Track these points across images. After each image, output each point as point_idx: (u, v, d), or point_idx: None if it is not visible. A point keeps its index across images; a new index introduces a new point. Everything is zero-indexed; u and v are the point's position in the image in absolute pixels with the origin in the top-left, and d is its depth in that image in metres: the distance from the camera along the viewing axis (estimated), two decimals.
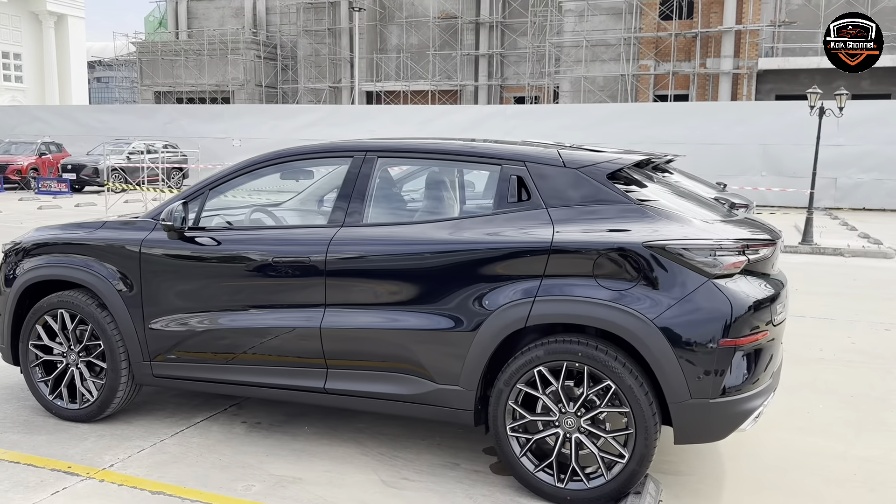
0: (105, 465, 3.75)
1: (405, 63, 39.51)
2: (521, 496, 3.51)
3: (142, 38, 46.05)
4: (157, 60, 42.72)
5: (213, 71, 41.60)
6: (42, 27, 62.84)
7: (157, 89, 42.93)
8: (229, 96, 41.21)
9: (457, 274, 3.55)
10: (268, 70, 42.35)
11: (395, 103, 37.53)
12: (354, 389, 3.77)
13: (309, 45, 41.62)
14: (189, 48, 42.26)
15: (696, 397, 3.24)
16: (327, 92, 40.64)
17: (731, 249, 3.34)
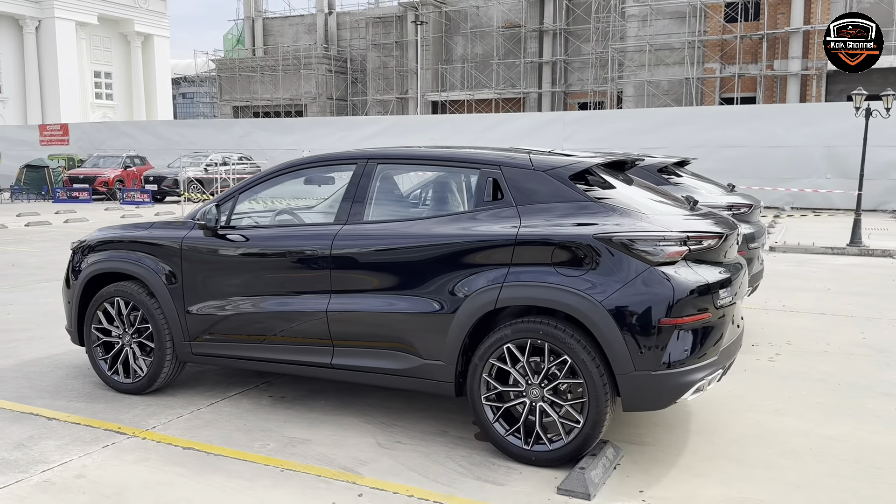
0: (148, 427, 4.46)
1: (469, 73, 40.20)
2: (494, 457, 4.02)
3: (221, 55, 48.26)
4: (234, 76, 44.72)
5: (287, 85, 43.30)
6: (130, 47, 66.44)
7: (235, 104, 44.96)
8: (302, 109, 42.82)
9: (439, 264, 4.10)
10: (338, 83, 43.80)
11: (459, 112, 38.25)
12: (356, 365, 4.36)
13: (377, 58, 42.86)
14: (265, 64, 44.12)
15: (639, 369, 3.69)
16: (394, 103, 41.75)
17: (672, 240, 3.78)
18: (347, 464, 3.96)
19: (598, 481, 3.68)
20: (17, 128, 38.90)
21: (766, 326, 7.18)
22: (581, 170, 4.10)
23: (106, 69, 64.94)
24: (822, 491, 3.69)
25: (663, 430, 4.48)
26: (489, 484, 3.73)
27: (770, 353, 6.24)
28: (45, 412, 4.70)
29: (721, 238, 4.02)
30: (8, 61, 58.08)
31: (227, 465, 3.93)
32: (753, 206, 6.69)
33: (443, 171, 4.60)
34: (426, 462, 3.99)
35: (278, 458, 4.02)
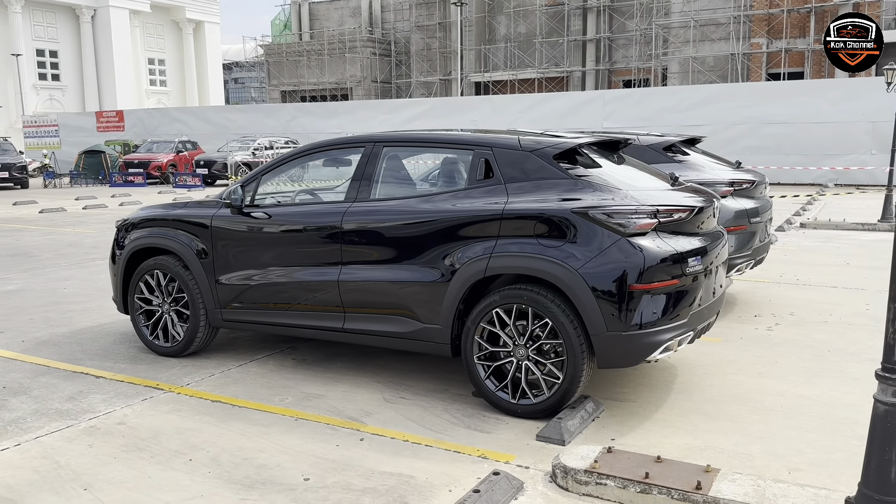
0: (183, 384, 5.02)
1: (512, 52, 40.26)
2: (486, 411, 4.46)
3: (269, 40, 49.18)
4: (282, 61, 45.60)
5: (332, 69, 43.99)
6: (182, 34, 68.01)
7: (283, 88, 45.87)
8: (347, 93, 43.46)
9: (436, 237, 4.53)
10: (383, 66, 44.29)
11: (502, 93, 38.39)
12: (364, 328, 4.84)
13: (421, 39, 43.17)
14: (311, 48, 44.87)
15: (611, 330, 4.07)
16: (438, 84, 42.09)
17: (643, 213, 4.13)
18: (354, 414, 4.44)
19: (573, 430, 4.09)
20: (76, 115, 40.49)
21: (774, 298, 7.43)
22: (564, 150, 4.47)
23: (159, 56, 66.72)
24: (781, 441, 4.02)
25: (647, 388, 4.85)
26: (477, 432, 4.17)
27: (770, 322, 6.51)
28: (93, 371, 5.31)
29: (691, 211, 4.36)
30: (66, 50, 60.14)
31: (248, 415, 4.46)
32: (757, 182, 6.92)
33: (442, 153, 5.02)
34: (424, 414, 4.45)
35: (294, 410, 4.53)
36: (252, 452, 3.93)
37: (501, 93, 38.56)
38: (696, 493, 3.21)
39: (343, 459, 3.83)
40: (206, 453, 3.92)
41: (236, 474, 3.68)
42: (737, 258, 6.51)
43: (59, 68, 60.05)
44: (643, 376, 5.08)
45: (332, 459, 3.83)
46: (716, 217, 4.75)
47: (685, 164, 6.78)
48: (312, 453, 3.90)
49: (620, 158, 5.13)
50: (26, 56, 56.57)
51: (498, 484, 3.40)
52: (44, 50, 58.97)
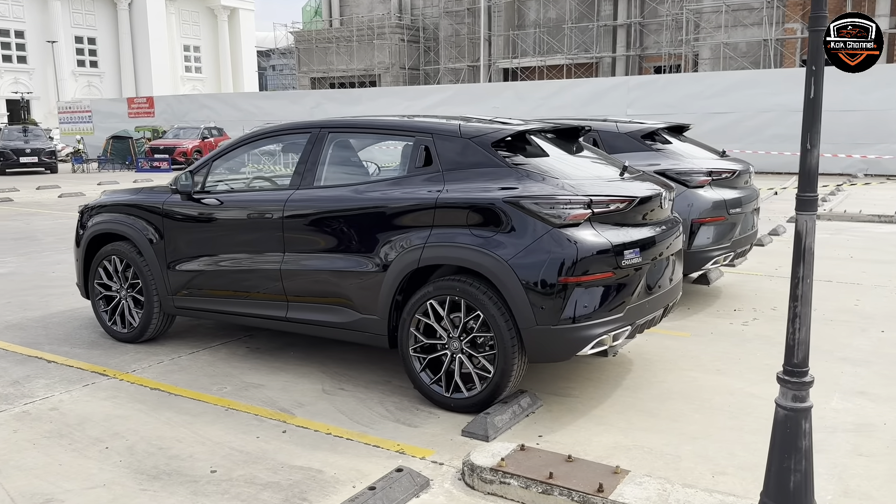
0: (129, 371, 5.01)
1: (541, 38, 39.76)
2: (421, 404, 4.36)
3: (300, 27, 49.36)
4: (312, 48, 45.70)
5: (361, 56, 43.97)
6: (217, 21, 68.71)
7: (312, 75, 46.00)
8: (375, 79, 43.41)
9: (373, 226, 4.43)
10: (411, 52, 44.12)
11: (530, 79, 37.96)
12: (306, 318, 4.77)
13: (449, 25, 42.87)
14: (340, 35, 44.87)
15: (540, 324, 3.93)
16: (465, 71, 41.80)
17: (576, 203, 3.97)
18: (286, 406, 4.38)
19: (500, 426, 3.97)
20: (109, 101, 41.15)
21: (759, 292, 7.18)
22: (501, 137, 4.32)
23: (195, 43, 67.55)
24: (716, 443, 3.85)
25: (594, 384, 4.70)
26: (404, 426, 4.08)
27: (748, 317, 6.29)
28: (47, 356, 5.33)
29: (631, 202, 4.18)
30: (104, 37, 61.20)
31: (180, 404, 4.42)
32: (739, 171, 6.67)
33: (385, 139, 4.91)
34: (358, 406, 4.37)
35: (228, 399, 4.48)
36: (170, 442, 3.89)
37: (530, 79, 38.14)
38: (596, 495, 3.08)
39: (258, 452, 3.77)
40: (124, 442, 3.90)
41: (146, 464, 3.64)
42: (713, 250, 6.29)
43: (97, 55, 61.18)
44: (593, 371, 4.93)
45: (247, 452, 3.77)
46: (664, 207, 4.56)
47: (663, 152, 6.56)
48: (230, 445, 3.85)
49: (578, 147, 4.97)
50: (65, 43, 57.71)
51: (398, 481, 3.30)
52: (82, 37, 60.11)
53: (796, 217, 2.70)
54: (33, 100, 55.33)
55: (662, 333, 5.79)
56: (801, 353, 2.64)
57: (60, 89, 54.74)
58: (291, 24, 49.13)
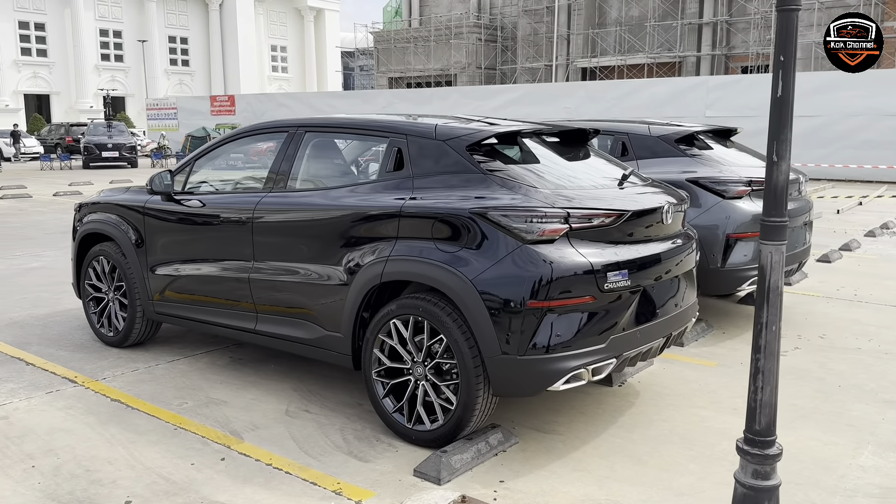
0: (99, 378, 4.79)
1: (622, 37, 38.58)
2: (384, 434, 3.93)
3: (380, 27, 49.67)
4: (390, 48, 45.88)
5: (438, 56, 43.83)
6: (303, 21, 70.10)
7: (390, 75, 46.19)
8: (451, 79, 43.18)
9: (340, 235, 4.04)
10: (488, 52, 43.68)
11: (609, 79, 36.90)
12: (273, 332, 4.42)
13: (528, 24, 42.21)
14: (418, 35, 44.86)
15: (505, 353, 3.44)
16: (543, 70, 41.04)
17: (552, 217, 3.46)
18: (239, 428, 4.04)
19: (458, 467, 3.50)
20: (193, 98, 42.42)
21: (811, 316, 6.41)
22: (478, 140, 3.85)
23: (281, 43, 69.12)
24: (704, 502, 3.28)
25: (585, 419, 4.17)
26: (355, 459, 3.67)
27: (788, 346, 5.57)
28: (29, 357, 5.19)
29: (619, 216, 3.64)
30: (195, 37, 63.33)
31: (132, 419, 4.14)
32: (791, 182, 5.94)
33: (361, 140, 4.50)
34: (314, 433, 3.98)
35: (182, 417, 4.18)
36: (100, 464, 3.60)
37: (609, 78, 37.06)
38: None
39: (184, 482, 3.43)
40: (54, 461, 3.63)
41: (62, 489, 3.36)
42: (751, 269, 5.60)
43: (188, 54, 63.37)
44: (590, 403, 4.39)
45: (173, 481, 3.44)
46: (668, 222, 3.98)
47: (699, 158, 5.91)
48: (159, 471, 3.53)
49: (584, 152, 4.45)
50: (159, 43, 59.97)
51: None
52: (175, 37, 62.34)
53: (760, 247, 2.14)
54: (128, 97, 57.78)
55: (684, 361, 5.18)
56: (764, 417, 2.09)
57: (153, 87, 56.90)
58: (371, 24, 49.49)
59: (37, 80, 54.31)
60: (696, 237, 4.52)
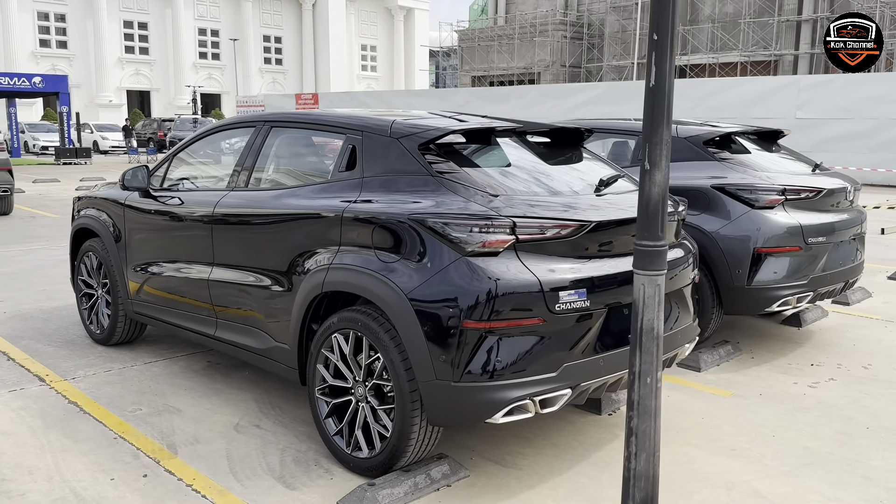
0: (68, 378, 4.67)
1: (715, 34, 36.96)
2: (325, 457, 3.61)
3: (465, 25, 49.51)
4: (474, 47, 45.61)
5: (522, 54, 43.27)
6: (393, 21, 70.76)
7: (474, 74, 45.95)
8: (535, 78, 42.52)
9: (286, 239, 3.74)
10: (573, 50, 42.77)
11: (700, 77, 35.40)
12: (230, 339, 4.17)
13: (616, 21, 41.11)
14: (503, 33, 44.41)
15: (440, 378, 3.04)
16: (629, 68, 39.83)
17: (497, 227, 3.04)
18: (178, 441, 3.79)
19: (385, 503, 3.13)
20: (280, 96, 43.36)
21: (860, 343, 5.68)
22: (432, 138, 3.45)
23: (371, 42, 69.97)
24: None
25: (554, 452, 3.71)
26: (281, 486, 3.35)
27: (823, 376, 4.91)
28: (13, 352, 5.14)
29: (579, 227, 3.17)
30: (289, 36, 64.93)
31: (78, 424, 3.97)
32: (830, 190, 5.26)
33: (325, 136, 4.16)
34: (253, 451, 3.69)
35: (129, 424, 3.98)
36: (19, 473, 3.43)
37: (699, 76, 35.56)
38: None
39: (92, 500, 3.20)
40: None
41: None
42: (782, 288, 4.97)
43: (282, 53, 64.99)
44: (565, 433, 3.93)
45: (82, 498, 3.22)
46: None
47: (729, 163, 5.30)
48: (74, 486, 3.31)
49: (576, 155, 4.00)
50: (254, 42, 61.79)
51: None
52: (270, 36, 64.04)
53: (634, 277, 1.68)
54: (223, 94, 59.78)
55: (695, 389, 4.63)
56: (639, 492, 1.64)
57: (247, 85, 58.64)
58: (457, 22, 49.38)
59: (139, 77, 56.86)
60: (696, 251, 3.98)
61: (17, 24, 49.99)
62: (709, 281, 5.09)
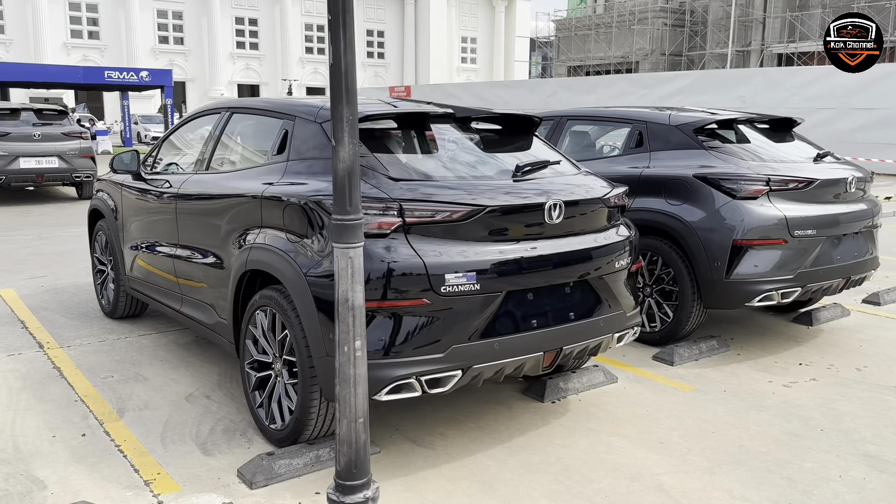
0: (64, 346, 5.06)
1: (826, 20, 34.82)
2: (254, 429, 3.78)
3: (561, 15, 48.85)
4: (570, 36, 44.98)
5: (620, 43, 42.32)
6: (494, 12, 70.57)
7: (569, 64, 45.35)
8: (632, 67, 41.50)
9: (224, 219, 3.93)
10: (674, 38, 41.43)
11: (808, 65, 33.54)
12: (189, 314, 4.42)
13: (720, 7, 39.52)
14: (600, 22, 43.56)
15: (330, 355, 3.14)
16: (733, 57, 38.17)
17: (386, 209, 3.10)
18: (129, 406, 4.06)
19: (281, 472, 3.26)
20: (373, 90, 44.34)
21: (870, 344, 5.33)
22: None
23: (472, 34, 70.08)
24: None
25: (476, 436, 3.73)
26: (199, 452, 3.54)
27: (805, 376, 4.66)
28: (30, 321, 5.61)
29: (473, 212, 3.18)
30: (391, 30, 66.05)
31: (52, 388, 4.31)
32: (826, 181, 4.96)
33: (271, 121, 4.28)
34: (190, 420, 3.90)
35: (94, 389, 4.28)
36: None
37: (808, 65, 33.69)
38: None
39: (27, 453, 3.49)
40: None
41: None
42: (763, 282, 4.74)
43: (384, 47, 66.20)
44: (497, 418, 3.93)
45: (19, 450, 3.51)
46: (556, 220, 3.41)
47: (717, 151, 5.07)
48: (17, 440, 3.62)
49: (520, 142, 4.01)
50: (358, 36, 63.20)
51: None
52: (372, 31, 65.36)
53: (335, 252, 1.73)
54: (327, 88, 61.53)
55: (657, 382, 4.52)
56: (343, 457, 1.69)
57: None
58: (554, 12, 48.82)
59: (248, 71, 59.38)
60: (632, 236, 3.89)
61: (139, 22, 53.22)
62: (689, 273, 4.93)
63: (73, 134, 12.75)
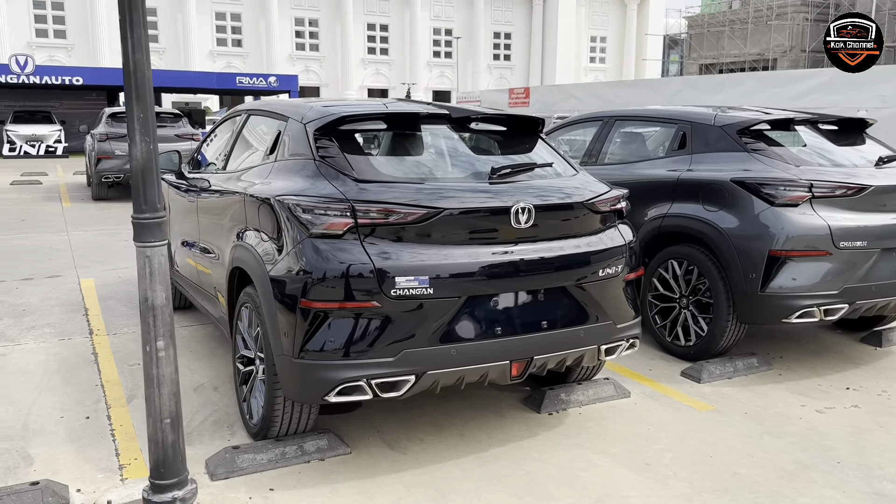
0: (110, 333, 5.39)
1: None
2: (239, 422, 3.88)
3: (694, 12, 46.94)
4: (703, 34, 43.18)
5: (756, 39, 40.19)
6: (626, 11, 68.85)
7: (701, 62, 43.57)
8: (769, 64, 39.28)
9: (224, 216, 4.06)
10: (815, 33, 38.75)
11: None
12: (205, 307, 4.60)
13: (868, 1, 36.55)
14: (735, 18, 41.54)
15: (285, 354, 3.17)
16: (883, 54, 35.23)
17: (339, 210, 3.09)
18: (139, 394, 4.22)
19: (244, 466, 3.33)
20: (494, 91, 44.23)
21: None
22: (327, 123, 3.52)
23: (601, 34, 68.69)
24: None
25: (456, 443, 3.64)
26: None
27: (849, 402, 4.22)
28: (93, 308, 6.04)
29: (427, 215, 3.10)
30: (518, 32, 65.95)
31: (82, 372, 4.60)
32: (875, 188, 4.47)
33: (274, 122, 4.30)
34: (187, 411, 3.99)
35: (118, 377, 4.53)
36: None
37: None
38: None
39: (33, 429, 3.75)
40: None
41: None
42: (803, 297, 4.33)
43: (510, 49, 66.19)
44: (485, 427, 3.82)
45: (28, 427, 3.78)
46: (525, 224, 3.26)
47: (760, 154, 4.67)
48: (27, 420, 3.89)
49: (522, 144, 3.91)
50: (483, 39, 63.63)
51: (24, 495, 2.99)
52: (500, 32, 65.52)
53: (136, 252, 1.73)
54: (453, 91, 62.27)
55: (674, 399, 4.25)
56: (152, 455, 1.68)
57: (476, 81, 60.60)
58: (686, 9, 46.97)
59: (378, 76, 61.15)
60: (629, 243, 3.66)
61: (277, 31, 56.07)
62: (724, 285, 4.58)
63: (185, 136, 13.61)
